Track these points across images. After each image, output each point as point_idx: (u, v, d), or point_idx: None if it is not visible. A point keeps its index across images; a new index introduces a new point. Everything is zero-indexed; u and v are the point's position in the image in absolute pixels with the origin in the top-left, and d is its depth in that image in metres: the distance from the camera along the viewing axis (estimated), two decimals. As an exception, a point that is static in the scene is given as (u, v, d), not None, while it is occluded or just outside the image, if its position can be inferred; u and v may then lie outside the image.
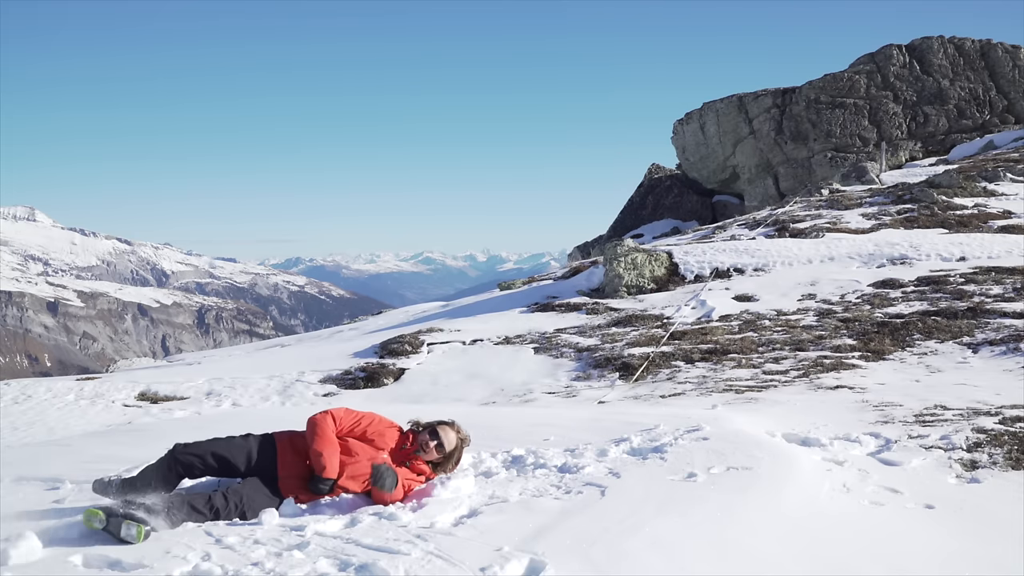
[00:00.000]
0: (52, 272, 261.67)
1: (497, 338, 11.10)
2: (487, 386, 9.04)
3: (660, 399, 7.69)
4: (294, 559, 3.18)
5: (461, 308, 15.29)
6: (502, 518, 3.66)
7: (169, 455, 3.93)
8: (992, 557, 3.84)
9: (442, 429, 4.33)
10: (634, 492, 4.04)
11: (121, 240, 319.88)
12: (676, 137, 38.14)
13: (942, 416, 6.18)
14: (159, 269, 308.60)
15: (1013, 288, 10.90)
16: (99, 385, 10.11)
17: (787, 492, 4.25)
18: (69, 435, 7.20)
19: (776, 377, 8.11)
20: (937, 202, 17.33)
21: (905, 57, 33.32)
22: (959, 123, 32.38)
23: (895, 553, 3.74)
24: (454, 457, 4.34)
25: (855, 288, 11.93)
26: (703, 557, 3.34)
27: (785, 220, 17.60)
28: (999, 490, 4.72)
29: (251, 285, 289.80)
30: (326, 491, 3.94)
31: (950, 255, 13.24)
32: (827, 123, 32.56)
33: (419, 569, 3.08)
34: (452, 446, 4.31)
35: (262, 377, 10.18)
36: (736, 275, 13.50)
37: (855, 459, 5.11)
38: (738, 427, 5.57)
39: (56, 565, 3.16)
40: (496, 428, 5.65)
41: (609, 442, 5.09)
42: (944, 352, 8.67)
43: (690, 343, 9.80)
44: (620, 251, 13.97)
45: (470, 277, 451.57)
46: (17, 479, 4.64)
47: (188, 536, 3.45)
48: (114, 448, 5.46)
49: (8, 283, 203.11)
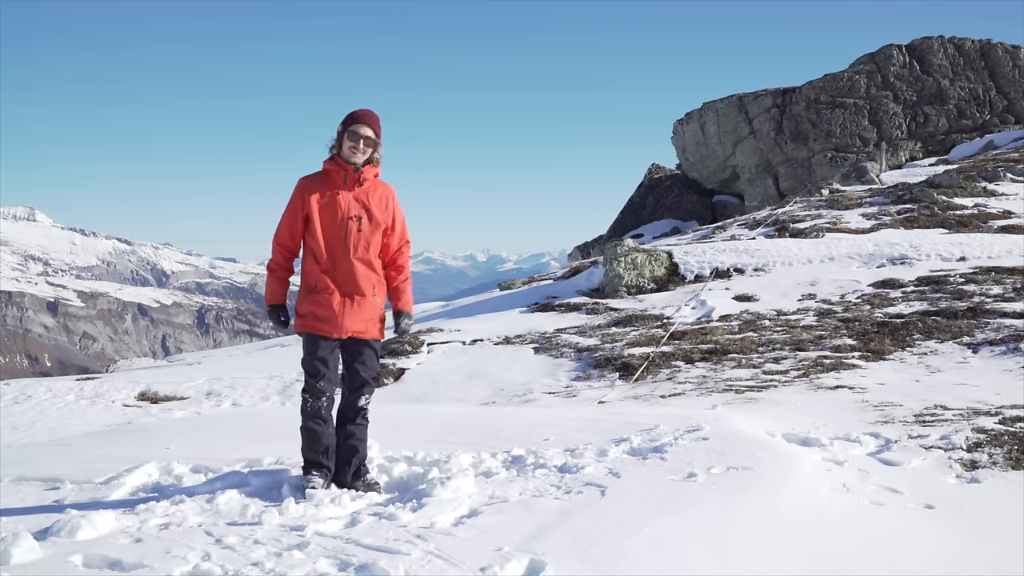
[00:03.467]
0: (52, 272, 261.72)
1: (497, 338, 11.10)
2: (487, 386, 9.04)
3: (660, 399, 7.69)
4: (294, 559, 3.18)
5: (461, 308, 15.29)
6: (502, 518, 3.66)
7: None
8: (992, 557, 3.84)
9: (352, 128, 4.18)
10: (634, 492, 4.04)
11: (121, 240, 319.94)
12: (676, 137, 38.14)
13: (942, 416, 6.18)
14: (159, 269, 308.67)
15: (1013, 288, 10.90)
16: (99, 385, 10.12)
17: (787, 492, 4.25)
18: (69, 435, 7.20)
19: (776, 377, 8.11)
20: (937, 202, 17.33)
21: (905, 57, 33.32)
22: (959, 123, 32.38)
23: (895, 553, 3.74)
24: (379, 141, 4.26)
25: (855, 288, 11.93)
26: (703, 557, 3.34)
27: (785, 220, 17.60)
28: (999, 490, 4.72)
29: (251, 285, 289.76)
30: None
31: (950, 255, 13.24)
32: (827, 123, 32.55)
33: (419, 569, 3.08)
34: (371, 132, 4.19)
35: (262, 377, 10.18)
36: (736, 275, 13.50)
37: (855, 459, 5.11)
38: (738, 427, 5.57)
39: (56, 565, 3.16)
40: (496, 428, 5.65)
41: (609, 442, 5.09)
42: (944, 352, 8.67)
43: (690, 343, 9.80)
44: (620, 251, 13.97)
45: (470, 277, 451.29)
46: (17, 479, 4.64)
47: (188, 536, 3.45)
48: (114, 448, 5.46)
49: (8, 283, 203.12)
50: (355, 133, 4.18)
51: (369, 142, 4.21)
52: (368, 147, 4.21)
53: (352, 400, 4.32)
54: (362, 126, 4.18)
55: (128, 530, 3.57)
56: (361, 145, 4.19)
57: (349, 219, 4.19)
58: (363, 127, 4.18)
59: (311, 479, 4.16)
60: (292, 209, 4.27)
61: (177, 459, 4.81)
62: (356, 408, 4.33)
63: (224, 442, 5.51)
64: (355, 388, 4.32)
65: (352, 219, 4.19)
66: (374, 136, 4.22)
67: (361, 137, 4.18)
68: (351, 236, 4.19)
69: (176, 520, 3.68)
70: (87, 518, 3.57)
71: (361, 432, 4.34)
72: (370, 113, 4.25)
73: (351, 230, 4.19)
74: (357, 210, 4.21)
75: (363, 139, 4.18)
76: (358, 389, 4.31)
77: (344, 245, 4.20)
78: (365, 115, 4.23)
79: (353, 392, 4.32)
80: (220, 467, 4.65)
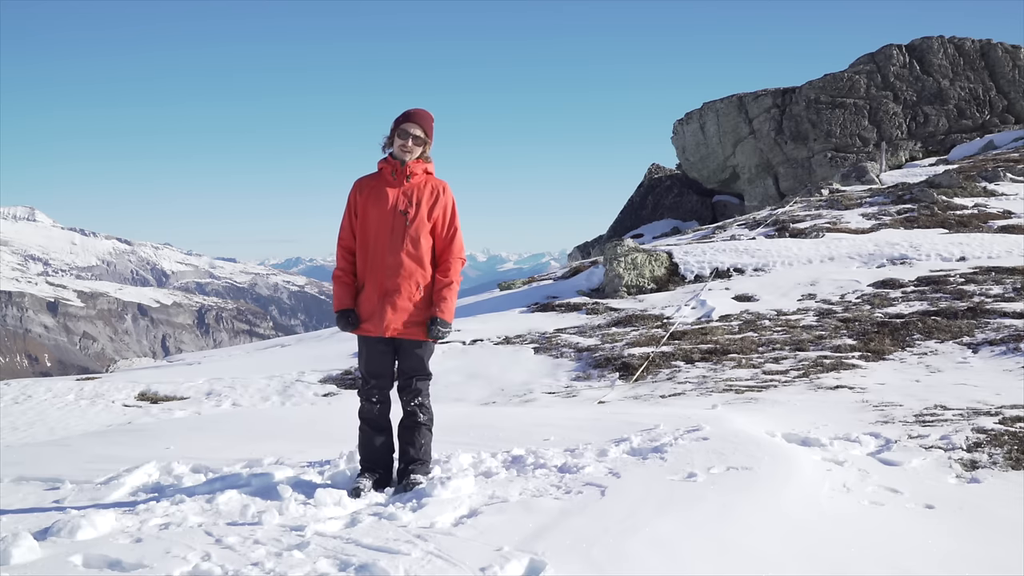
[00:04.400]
0: (52, 272, 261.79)
1: (497, 338, 11.10)
2: (487, 386, 9.04)
3: (660, 399, 7.69)
4: (294, 559, 3.18)
5: (461, 308, 15.29)
6: (502, 518, 3.66)
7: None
8: (992, 557, 3.84)
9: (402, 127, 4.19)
10: (634, 492, 4.04)
11: (121, 240, 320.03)
12: (676, 137, 38.14)
13: (942, 416, 6.18)
14: (159, 269, 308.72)
15: (1013, 288, 10.91)
16: (99, 385, 10.12)
17: (787, 492, 4.25)
18: (69, 435, 7.20)
19: (776, 377, 8.11)
20: (937, 202, 17.33)
21: (905, 57, 33.33)
22: (959, 123, 32.38)
23: (895, 553, 3.73)
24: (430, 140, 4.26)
25: (855, 288, 11.93)
26: (703, 557, 3.34)
27: (785, 220, 17.60)
28: (999, 490, 4.72)
29: (251, 285, 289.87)
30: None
31: (950, 255, 13.24)
32: (827, 123, 32.56)
33: (419, 569, 3.08)
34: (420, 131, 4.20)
35: (262, 377, 10.17)
36: (736, 275, 13.50)
37: (855, 459, 5.11)
38: (738, 427, 5.57)
39: (56, 565, 3.16)
40: (496, 428, 5.65)
41: (609, 442, 5.09)
42: (944, 352, 8.67)
43: (690, 343, 9.80)
44: (620, 251, 13.97)
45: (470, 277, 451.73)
46: (17, 479, 4.64)
47: (188, 536, 3.46)
48: (114, 448, 5.46)
49: (8, 283, 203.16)
50: (405, 131, 4.20)
51: (418, 140, 4.21)
52: (417, 145, 4.21)
53: (402, 402, 4.30)
54: (412, 125, 4.20)
55: (128, 530, 3.57)
56: (410, 143, 4.20)
57: (396, 214, 4.18)
58: (413, 126, 4.20)
59: (357, 482, 4.18)
60: (348, 209, 4.30)
61: (177, 459, 4.81)
62: (404, 410, 4.30)
63: (224, 442, 5.51)
64: (401, 389, 4.31)
65: (399, 214, 4.18)
66: (423, 135, 4.22)
67: (410, 135, 4.19)
68: (397, 231, 4.17)
69: (176, 520, 3.68)
70: (87, 518, 3.57)
71: (408, 435, 4.29)
72: (421, 112, 4.26)
73: (397, 225, 4.17)
74: (404, 205, 4.19)
75: (412, 137, 4.19)
76: (403, 390, 4.30)
77: (391, 240, 4.17)
78: (415, 114, 4.24)
79: (400, 393, 4.31)
80: (220, 467, 4.65)
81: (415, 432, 4.29)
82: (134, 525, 3.63)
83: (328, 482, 4.32)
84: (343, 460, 4.63)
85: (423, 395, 4.31)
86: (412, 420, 4.29)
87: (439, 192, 4.26)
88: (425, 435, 4.32)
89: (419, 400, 4.29)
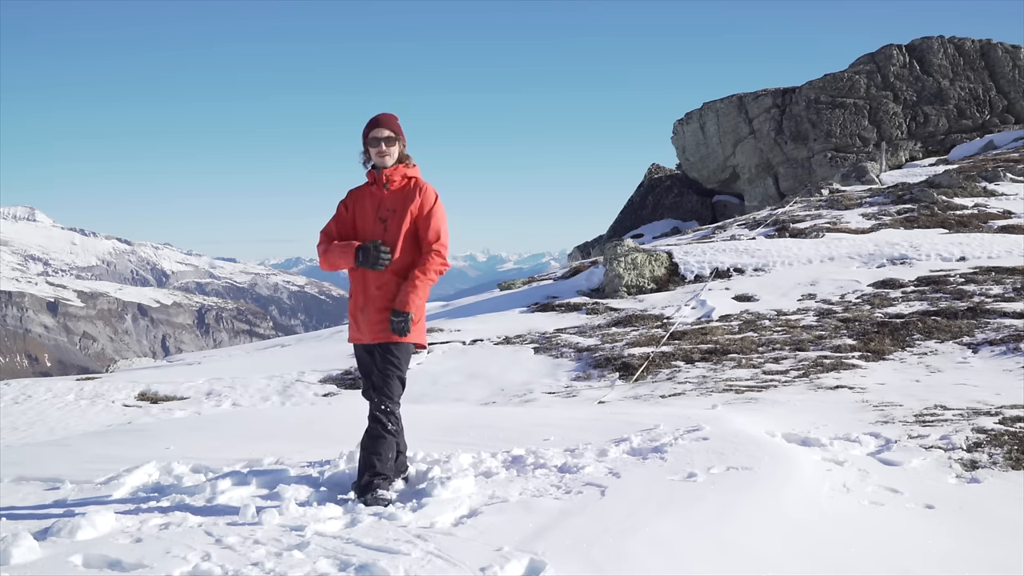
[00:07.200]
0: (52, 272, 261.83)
1: (497, 338, 11.10)
2: (487, 386, 9.04)
3: (660, 399, 7.69)
4: (294, 559, 3.18)
5: (461, 308, 15.30)
6: (502, 518, 3.66)
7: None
8: (992, 557, 3.84)
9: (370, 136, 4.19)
10: (634, 492, 4.04)
11: (121, 240, 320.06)
12: (676, 137, 38.14)
13: (942, 416, 6.18)
14: (159, 269, 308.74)
15: (1013, 288, 10.91)
16: (99, 385, 10.12)
17: (787, 492, 4.25)
18: (69, 435, 7.20)
19: (776, 377, 8.11)
20: (937, 202, 17.33)
21: (905, 57, 33.33)
22: (959, 123, 32.39)
23: (895, 553, 3.73)
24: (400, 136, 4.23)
25: (855, 288, 11.93)
26: (703, 557, 3.34)
27: (785, 220, 17.60)
28: (999, 490, 4.72)
29: (251, 285, 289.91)
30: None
31: (950, 255, 13.24)
32: (827, 123, 32.56)
33: (419, 569, 3.08)
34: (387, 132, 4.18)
35: (262, 377, 10.18)
36: (736, 275, 13.50)
37: (855, 459, 5.11)
38: (738, 427, 5.57)
39: (56, 565, 3.16)
40: (496, 428, 5.65)
41: (609, 442, 5.09)
42: (944, 352, 8.67)
43: (690, 343, 9.80)
44: (620, 251, 13.97)
45: (470, 277, 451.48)
46: (17, 479, 4.64)
47: (188, 536, 3.46)
48: (114, 448, 5.46)
49: (8, 283, 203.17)
50: (375, 139, 4.21)
51: (390, 140, 4.21)
52: (390, 146, 4.21)
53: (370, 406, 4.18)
54: (378, 129, 4.21)
55: (128, 530, 3.57)
56: (383, 147, 4.20)
57: (375, 222, 4.20)
58: (379, 130, 4.20)
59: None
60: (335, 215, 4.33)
61: (177, 459, 4.81)
62: (369, 415, 4.15)
63: (224, 442, 5.51)
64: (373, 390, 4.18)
65: (378, 221, 4.20)
66: (393, 134, 4.22)
67: (381, 140, 4.20)
68: (377, 238, 4.17)
69: (176, 520, 3.68)
70: (87, 518, 3.57)
71: (372, 444, 4.06)
72: (382, 116, 4.27)
73: (375, 234, 4.18)
74: (384, 212, 4.21)
75: (383, 140, 4.20)
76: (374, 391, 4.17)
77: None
78: (378, 119, 4.25)
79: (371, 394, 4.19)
80: (220, 467, 4.65)
81: (379, 443, 4.05)
82: (134, 525, 3.64)
83: (328, 482, 4.32)
84: (343, 460, 4.62)
85: (391, 402, 4.13)
86: (377, 429, 4.09)
87: (416, 193, 4.23)
88: (390, 447, 4.09)
89: (386, 407, 4.11)
